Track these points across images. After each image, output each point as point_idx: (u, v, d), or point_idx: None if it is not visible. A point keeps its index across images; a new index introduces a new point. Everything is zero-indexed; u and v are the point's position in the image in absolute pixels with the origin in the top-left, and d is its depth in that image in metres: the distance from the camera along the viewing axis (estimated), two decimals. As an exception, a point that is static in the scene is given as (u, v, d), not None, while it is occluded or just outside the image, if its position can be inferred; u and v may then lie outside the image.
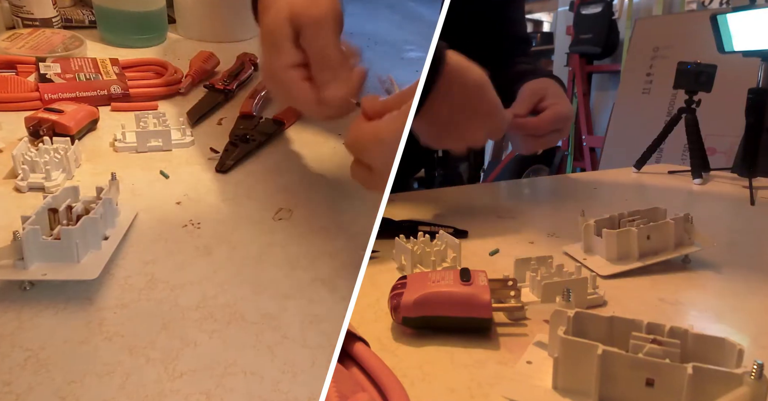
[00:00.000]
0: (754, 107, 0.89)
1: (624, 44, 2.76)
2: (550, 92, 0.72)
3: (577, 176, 1.08)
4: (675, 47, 2.36)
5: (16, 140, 0.60)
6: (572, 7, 3.05)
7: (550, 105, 0.70)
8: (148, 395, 0.34)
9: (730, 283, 0.51)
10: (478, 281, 0.40)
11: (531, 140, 0.70)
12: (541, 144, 0.70)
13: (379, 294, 0.45)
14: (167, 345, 0.38)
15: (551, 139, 0.71)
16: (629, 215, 0.55)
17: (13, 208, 0.50)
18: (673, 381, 0.31)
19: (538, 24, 4.23)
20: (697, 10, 2.51)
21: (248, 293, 0.43)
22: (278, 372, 0.37)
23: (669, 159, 1.43)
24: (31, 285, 0.41)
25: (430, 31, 0.49)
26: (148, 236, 0.49)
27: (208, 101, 0.74)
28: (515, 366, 0.37)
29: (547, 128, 0.69)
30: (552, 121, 0.69)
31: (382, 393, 0.32)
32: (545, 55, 3.48)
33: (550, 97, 0.72)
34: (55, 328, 0.38)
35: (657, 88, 2.42)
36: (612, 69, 2.95)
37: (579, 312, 0.35)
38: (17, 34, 0.82)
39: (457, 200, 0.76)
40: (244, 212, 0.54)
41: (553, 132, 0.70)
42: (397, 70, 0.96)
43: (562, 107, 0.70)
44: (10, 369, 0.34)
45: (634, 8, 2.81)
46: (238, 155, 0.62)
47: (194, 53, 0.84)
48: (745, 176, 0.87)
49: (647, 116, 2.38)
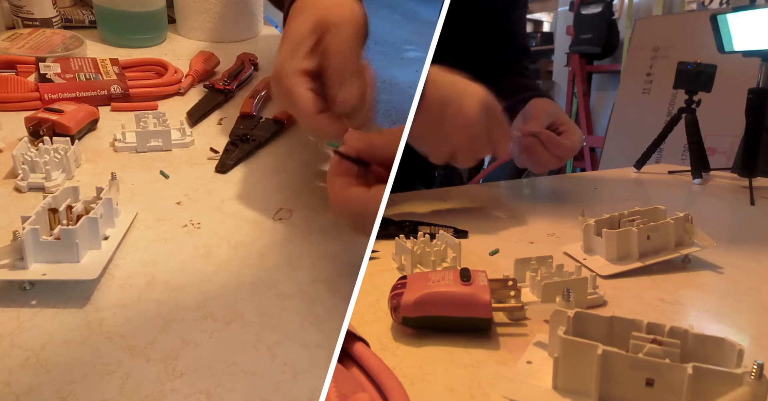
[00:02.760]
0: (754, 106, 0.89)
1: (624, 44, 2.76)
2: (563, 117, 0.75)
3: (577, 176, 1.08)
4: (675, 47, 2.36)
5: (16, 140, 0.60)
6: (572, 7, 3.05)
7: (568, 131, 0.73)
8: (148, 395, 0.34)
9: (730, 283, 0.51)
10: (478, 281, 0.40)
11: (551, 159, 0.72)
12: (558, 164, 0.73)
13: (379, 294, 0.45)
14: (167, 345, 0.38)
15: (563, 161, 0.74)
16: (629, 215, 0.55)
17: (13, 208, 0.50)
18: (673, 381, 0.31)
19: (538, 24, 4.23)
20: (697, 10, 2.51)
21: (248, 294, 0.43)
22: (278, 372, 0.37)
23: (669, 159, 1.43)
24: (31, 285, 0.41)
25: (429, 31, 0.49)
26: (148, 236, 0.49)
27: (208, 101, 0.74)
28: (515, 366, 0.36)
29: (570, 154, 0.72)
30: (577, 147, 0.72)
31: (382, 393, 0.32)
32: (545, 55, 3.48)
33: (564, 121, 0.75)
34: (55, 328, 0.38)
35: (657, 88, 2.42)
36: (612, 69, 2.95)
37: (579, 312, 0.35)
38: (17, 34, 0.82)
39: (457, 200, 0.76)
40: (244, 212, 0.54)
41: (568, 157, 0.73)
42: (397, 70, 0.96)
43: (578, 134, 0.74)
44: (10, 369, 0.34)
45: (634, 8, 2.81)
46: (238, 155, 0.62)
47: (194, 53, 0.84)
48: (745, 176, 0.87)
49: (647, 116, 2.38)
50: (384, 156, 0.47)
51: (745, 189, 0.84)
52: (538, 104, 0.76)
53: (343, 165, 0.48)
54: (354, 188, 0.46)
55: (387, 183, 0.43)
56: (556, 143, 0.71)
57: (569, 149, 0.72)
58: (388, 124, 0.94)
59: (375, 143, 0.48)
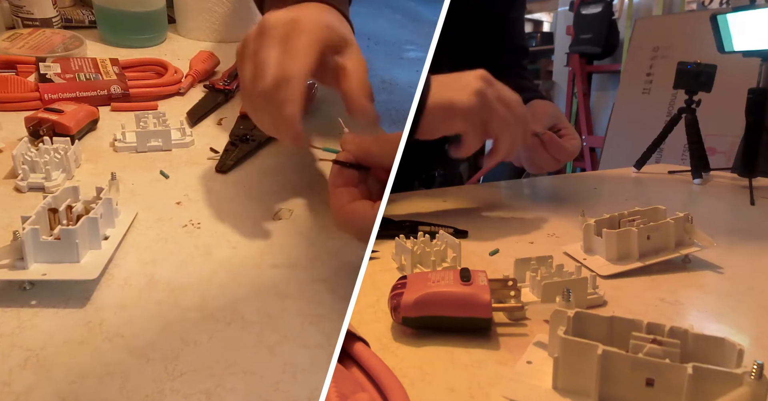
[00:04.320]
0: (754, 106, 0.89)
1: (624, 44, 2.76)
2: (564, 121, 0.76)
3: (577, 176, 1.08)
4: (675, 47, 2.36)
5: (16, 140, 0.60)
6: (572, 7, 3.05)
7: (568, 135, 0.74)
8: (148, 395, 0.34)
9: (730, 283, 0.51)
10: (478, 281, 0.40)
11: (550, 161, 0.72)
12: (555, 166, 0.73)
13: (379, 294, 0.45)
14: (167, 345, 0.38)
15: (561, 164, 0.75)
16: (629, 215, 0.55)
17: (13, 208, 0.50)
18: (673, 381, 0.31)
19: (538, 24, 4.23)
20: (697, 10, 2.51)
21: (248, 294, 0.43)
22: (278, 372, 0.37)
23: (669, 159, 1.43)
24: (31, 285, 0.41)
25: (430, 31, 0.49)
26: (148, 236, 0.49)
27: (208, 101, 0.74)
28: (515, 366, 0.36)
29: (569, 158, 0.73)
30: (576, 151, 0.73)
31: (382, 393, 0.32)
32: (545, 55, 3.48)
33: (565, 125, 0.75)
34: (55, 328, 0.38)
35: (657, 88, 2.42)
36: (612, 69, 2.96)
37: (579, 312, 0.35)
38: (17, 34, 0.82)
39: (457, 200, 0.76)
40: (244, 212, 0.54)
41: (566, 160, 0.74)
42: (397, 70, 0.97)
43: (577, 139, 0.74)
44: (10, 369, 0.34)
45: (634, 8, 2.81)
46: (238, 155, 0.62)
47: (194, 53, 0.84)
48: (745, 176, 0.87)
49: (647, 116, 2.38)
50: (381, 163, 0.48)
51: (745, 189, 0.84)
52: (540, 106, 0.76)
53: (344, 175, 0.48)
54: (358, 202, 0.46)
55: (385, 189, 0.43)
56: (557, 145, 0.71)
57: (569, 152, 0.72)
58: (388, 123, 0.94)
59: (372, 151, 0.48)
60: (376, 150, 0.48)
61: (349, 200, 0.46)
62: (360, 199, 0.47)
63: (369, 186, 0.49)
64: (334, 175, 0.48)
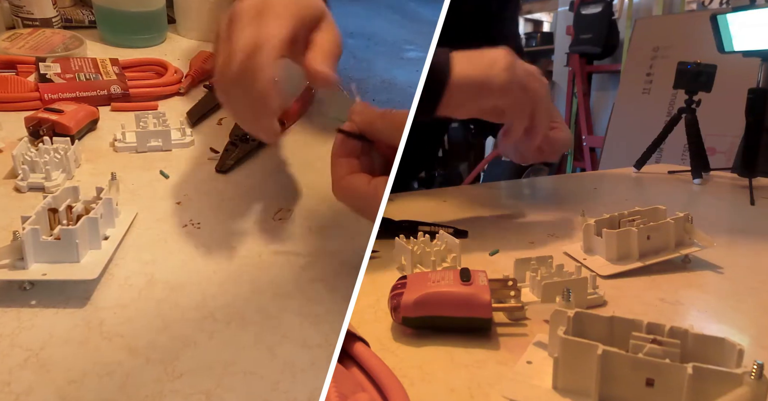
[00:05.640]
0: (754, 106, 0.89)
1: (624, 44, 2.76)
2: (557, 116, 0.74)
3: (577, 176, 1.08)
4: (675, 47, 2.36)
5: (16, 140, 0.60)
6: (572, 7, 3.05)
7: (558, 128, 0.72)
8: (148, 395, 0.34)
9: (730, 283, 0.51)
10: (478, 281, 0.40)
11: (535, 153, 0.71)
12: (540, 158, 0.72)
13: (379, 294, 0.45)
14: (167, 345, 0.38)
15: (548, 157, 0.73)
16: (629, 215, 0.55)
17: (13, 208, 0.50)
18: (673, 381, 0.31)
19: (538, 24, 4.23)
20: (697, 10, 2.51)
21: (248, 293, 0.43)
22: (278, 372, 0.37)
23: (669, 159, 1.43)
24: (31, 285, 0.41)
25: (429, 31, 0.49)
26: (148, 236, 0.49)
27: (208, 101, 0.74)
28: (515, 366, 0.36)
29: (561, 149, 0.71)
30: (566, 144, 0.71)
31: (382, 393, 0.32)
32: (545, 55, 3.48)
33: (557, 120, 0.73)
34: (55, 328, 0.38)
35: (657, 88, 2.42)
36: (612, 69, 2.96)
37: (579, 312, 0.35)
38: (17, 34, 0.82)
39: (457, 200, 0.76)
40: (244, 212, 0.54)
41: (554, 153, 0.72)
42: (396, 70, 0.97)
43: (568, 133, 0.72)
44: (10, 369, 0.34)
45: (634, 8, 2.81)
46: (238, 155, 0.62)
47: (194, 53, 0.84)
48: (745, 176, 0.87)
49: (647, 116, 2.38)
50: (384, 138, 0.47)
51: (745, 189, 0.84)
52: None
53: (347, 144, 0.47)
54: (355, 175, 0.46)
55: (389, 175, 0.43)
56: (548, 137, 0.70)
57: (558, 144, 0.71)
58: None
59: (376, 125, 0.47)
60: (381, 124, 0.47)
61: (348, 171, 0.46)
62: (359, 171, 0.46)
63: (372, 159, 0.48)
64: (337, 144, 0.47)
